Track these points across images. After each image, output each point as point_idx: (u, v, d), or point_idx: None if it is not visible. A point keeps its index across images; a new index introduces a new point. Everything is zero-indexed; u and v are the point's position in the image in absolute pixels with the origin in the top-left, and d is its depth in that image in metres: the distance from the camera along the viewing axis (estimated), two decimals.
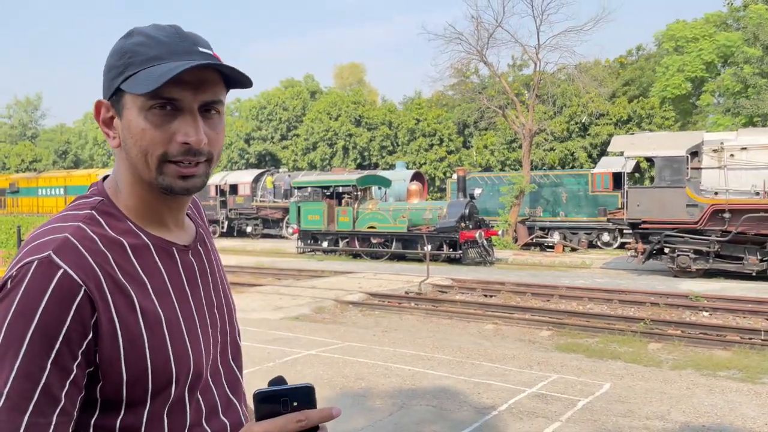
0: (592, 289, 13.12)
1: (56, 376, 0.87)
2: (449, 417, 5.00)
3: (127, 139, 0.97)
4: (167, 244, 1.03)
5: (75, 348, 0.88)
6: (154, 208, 1.02)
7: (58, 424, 0.87)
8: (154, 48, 0.95)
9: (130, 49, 0.96)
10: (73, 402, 0.90)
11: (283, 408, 0.85)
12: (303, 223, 22.01)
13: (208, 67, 0.94)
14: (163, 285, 0.99)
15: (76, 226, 0.95)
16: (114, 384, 0.92)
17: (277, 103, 44.93)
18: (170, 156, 0.96)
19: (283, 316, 10.34)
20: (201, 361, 1.01)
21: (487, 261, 18.95)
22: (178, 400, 0.98)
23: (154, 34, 0.97)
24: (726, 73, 30.73)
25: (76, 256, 0.90)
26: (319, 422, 0.86)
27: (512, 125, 26.13)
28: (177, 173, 0.97)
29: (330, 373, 6.29)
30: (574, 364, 6.98)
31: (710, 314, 10.90)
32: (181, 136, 0.95)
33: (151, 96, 0.93)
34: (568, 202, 24.14)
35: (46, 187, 36.63)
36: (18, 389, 0.85)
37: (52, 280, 0.87)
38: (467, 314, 11.03)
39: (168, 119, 0.95)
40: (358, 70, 59.67)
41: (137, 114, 0.95)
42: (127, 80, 0.95)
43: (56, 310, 0.87)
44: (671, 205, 15.20)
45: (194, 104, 0.96)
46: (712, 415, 5.11)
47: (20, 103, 62.90)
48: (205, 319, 1.05)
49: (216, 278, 1.12)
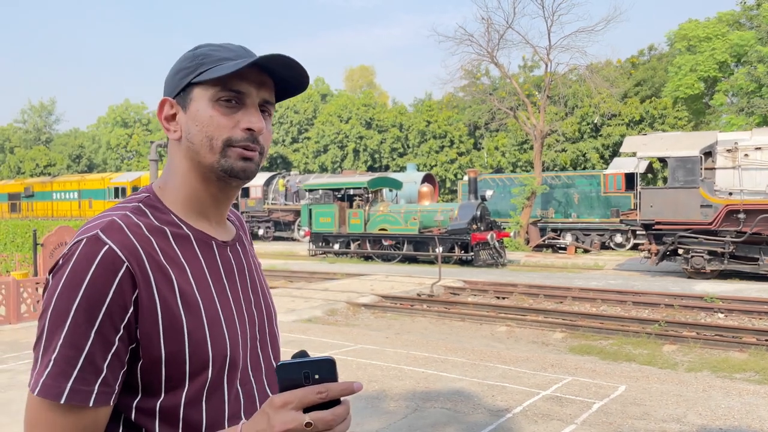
0: (606, 290, 13.04)
1: (99, 346, 0.92)
2: (464, 419, 4.99)
3: (191, 127, 1.05)
4: (207, 237, 1.09)
5: (117, 320, 0.93)
6: (202, 199, 1.09)
7: (99, 393, 0.93)
8: (225, 53, 1.07)
9: (202, 53, 1.07)
10: (115, 375, 0.94)
11: (305, 380, 0.86)
12: (314, 225, 22.07)
13: (269, 71, 1.06)
14: (201, 273, 1.04)
15: (122, 213, 1.02)
16: (152, 361, 0.96)
17: (287, 106, 45.10)
18: (234, 141, 1.04)
19: (295, 319, 10.37)
20: (237, 348, 1.05)
21: (499, 263, 18.90)
22: (216, 387, 1.01)
23: (225, 45, 1.09)
24: (739, 73, 30.44)
25: (121, 235, 0.97)
26: (340, 395, 0.86)
27: (523, 126, 26.06)
28: (239, 155, 1.04)
29: (343, 375, 6.29)
30: (588, 366, 6.94)
31: (725, 316, 10.80)
32: (245, 123, 1.04)
33: (221, 88, 1.03)
34: (580, 203, 24.03)
35: (61, 191, 36.97)
36: (65, 356, 0.91)
37: (98, 255, 0.94)
38: (480, 316, 11.00)
39: (233, 111, 1.04)
40: (369, 73, 59.77)
41: (206, 104, 1.04)
42: (200, 75, 1.04)
43: (100, 283, 0.93)
44: (685, 205, 15.09)
45: (256, 99, 1.06)
46: (729, 418, 5.07)
47: (34, 108, 63.54)
48: (243, 312, 1.09)
49: (254, 278, 1.17)
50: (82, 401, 0.92)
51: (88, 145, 58.67)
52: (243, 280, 1.13)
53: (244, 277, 1.13)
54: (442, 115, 38.93)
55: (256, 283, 1.17)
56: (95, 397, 0.92)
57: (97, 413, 0.94)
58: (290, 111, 44.94)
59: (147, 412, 0.98)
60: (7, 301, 9.29)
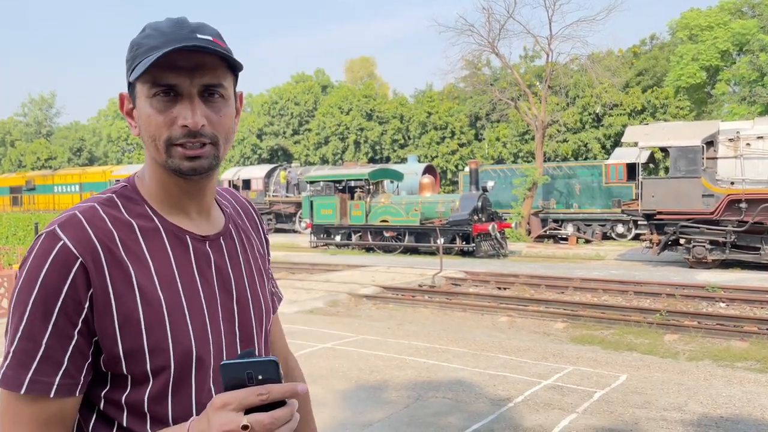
0: (607, 280, 13.05)
1: (56, 339, 0.93)
2: (465, 409, 5.01)
3: (141, 126, 1.03)
4: (180, 231, 1.05)
5: (72, 315, 0.94)
6: (173, 192, 1.06)
7: (61, 385, 0.93)
8: (155, 39, 0.99)
9: (137, 42, 1.02)
10: (78, 368, 0.95)
11: (248, 381, 0.84)
12: (316, 217, 22.08)
13: (192, 50, 0.96)
14: (167, 268, 1.01)
15: (90, 206, 1.01)
16: (112, 356, 0.96)
17: (288, 98, 45.02)
18: (174, 139, 0.99)
19: (297, 310, 10.39)
20: (206, 345, 1.02)
21: (501, 254, 18.91)
22: (183, 384, 1.00)
23: (159, 26, 1.02)
24: (741, 62, 30.31)
25: (78, 230, 0.96)
26: (282, 397, 0.84)
27: (524, 117, 26.00)
28: (182, 155, 1.00)
29: (345, 365, 6.31)
30: (589, 356, 6.95)
31: (727, 305, 10.81)
32: (180, 119, 0.99)
33: (152, 83, 0.98)
34: (581, 193, 24.01)
35: (62, 184, 37.00)
36: (23, 348, 0.93)
37: (53, 251, 0.94)
38: (481, 307, 11.02)
39: (170, 105, 0.99)
40: (369, 64, 59.57)
41: (144, 102, 1.00)
42: (133, 70, 1.00)
43: (54, 278, 0.93)
44: (687, 195, 15.07)
45: (192, 89, 0.99)
46: (730, 406, 5.07)
47: (35, 101, 63.50)
48: (217, 309, 1.06)
49: (241, 274, 1.12)
50: (42, 392, 0.92)
51: (88, 138, 58.66)
52: (223, 275, 1.08)
53: (226, 273, 1.09)
54: (443, 106, 38.84)
55: (243, 278, 1.12)
56: (56, 388, 0.93)
57: (62, 403, 0.95)
58: (291, 103, 44.86)
59: (114, 403, 0.99)
60: (9, 294, 9.32)
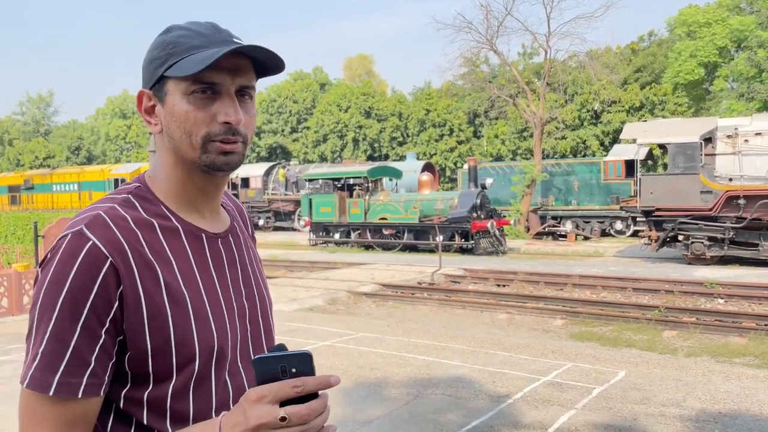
0: (606, 277, 13.08)
1: (85, 339, 0.94)
2: (465, 405, 5.03)
3: (170, 122, 1.03)
4: (197, 230, 1.08)
5: (102, 314, 0.94)
6: (190, 192, 1.08)
7: (88, 385, 0.94)
8: (195, 39, 1.02)
9: (172, 41, 1.03)
10: (104, 367, 0.96)
11: (282, 374, 0.86)
12: (315, 215, 22.08)
13: (244, 52, 1.01)
14: (188, 266, 1.04)
15: (110, 206, 1.02)
16: (139, 353, 0.97)
17: (286, 95, 44.97)
18: (213, 135, 1.02)
19: (297, 308, 10.41)
20: (226, 341, 1.04)
21: (500, 251, 18.93)
22: (203, 378, 1.01)
23: (194, 28, 1.04)
24: (739, 58, 30.34)
25: (106, 230, 0.97)
26: (316, 389, 0.86)
27: (523, 114, 26.01)
28: (219, 150, 1.03)
29: (345, 363, 6.33)
30: (588, 353, 6.98)
31: (725, 301, 10.84)
32: (222, 116, 1.01)
33: (193, 81, 1.00)
34: (580, 190, 24.03)
35: (61, 183, 36.96)
36: (51, 349, 0.93)
37: (82, 251, 0.94)
38: (480, 304, 11.04)
39: (209, 102, 1.01)
40: (367, 62, 59.53)
41: (180, 98, 1.01)
42: (171, 67, 1.01)
43: (84, 278, 0.94)
44: (685, 192, 15.09)
45: (232, 88, 1.02)
46: (729, 402, 5.10)
47: (32, 100, 63.37)
48: (232, 304, 1.09)
49: (247, 271, 1.15)
50: (70, 393, 0.93)
51: (87, 137, 58.57)
52: (234, 272, 1.12)
53: (236, 269, 1.12)
54: (441, 103, 38.83)
55: (249, 274, 1.15)
56: (84, 389, 0.94)
57: (87, 404, 0.96)
58: (289, 101, 44.82)
59: (135, 401, 1.00)
60: (9, 293, 9.33)
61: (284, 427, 0.84)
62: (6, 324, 8.69)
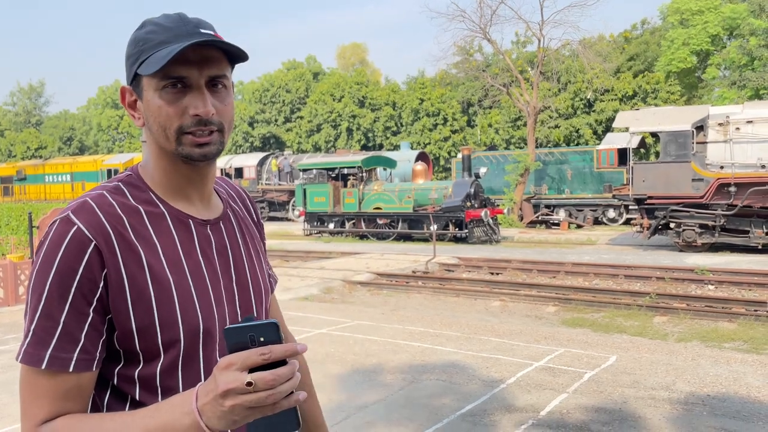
0: (598, 264, 13.20)
1: (73, 317, 1.00)
2: (459, 390, 5.12)
3: (148, 117, 1.09)
4: (184, 216, 1.13)
5: (88, 294, 1.01)
6: (176, 180, 1.13)
7: (78, 360, 1.01)
8: (161, 34, 1.06)
9: (142, 37, 1.08)
10: (94, 343, 1.02)
11: (251, 343, 0.90)
12: (309, 205, 22.11)
13: (203, 44, 1.04)
14: (174, 250, 1.09)
15: (99, 193, 1.08)
16: (126, 333, 1.03)
17: (279, 85, 44.83)
18: (185, 128, 1.07)
19: (292, 297, 10.47)
20: (212, 322, 1.10)
21: (493, 239, 19.04)
22: (192, 357, 1.07)
23: (162, 22, 1.08)
24: (731, 46, 30.43)
25: (91, 215, 1.03)
26: (284, 356, 0.90)
27: (516, 103, 26.05)
28: (193, 142, 1.07)
29: (341, 350, 6.41)
30: (580, 338, 7.08)
31: (716, 287, 10.97)
32: (192, 109, 1.06)
33: (162, 76, 1.05)
34: (573, 179, 24.14)
35: (53, 173, 36.81)
36: (42, 326, 1.00)
37: (68, 235, 1.01)
38: (474, 292, 11.14)
39: (179, 96, 1.06)
40: (361, 50, 59.31)
41: (153, 94, 1.07)
42: (141, 65, 1.06)
43: (70, 260, 1.00)
44: (677, 180, 15.21)
45: (201, 80, 1.06)
46: (717, 385, 5.20)
47: (23, 90, 62.93)
48: (220, 288, 1.13)
49: (241, 257, 1.19)
50: (61, 366, 0.99)
51: (78, 127, 58.27)
52: (224, 257, 1.16)
53: (226, 255, 1.16)
54: (435, 92, 38.81)
55: (243, 260, 1.19)
56: (75, 363, 1.00)
57: (80, 378, 1.02)
58: (282, 90, 44.67)
59: (128, 379, 1.06)
60: (5, 284, 9.36)
61: (251, 392, 0.88)
62: (2, 314, 8.73)
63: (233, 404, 0.88)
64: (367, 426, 4.42)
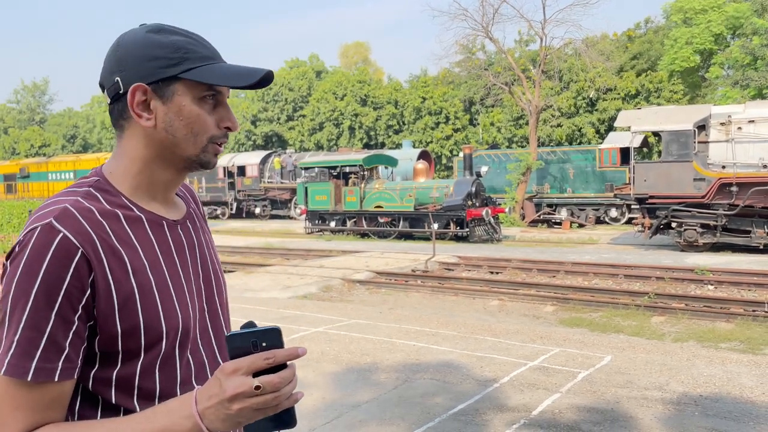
0: (599, 264, 13.18)
1: (60, 326, 0.99)
2: (452, 389, 5.13)
3: (174, 121, 1.10)
4: (158, 218, 1.15)
5: (75, 302, 1.00)
6: (155, 184, 1.15)
7: (63, 369, 1.00)
8: (202, 49, 1.12)
9: (183, 46, 1.10)
10: (77, 351, 1.02)
11: (254, 348, 0.94)
12: (311, 203, 22.14)
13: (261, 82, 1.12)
14: (153, 252, 1.11)
15: (74, 199, 1.07)
16: (110, 336, 1.04)
17: (282, 83, 44.83)
18: (215, 138, 1.14)
19: (291, 295, 10.50)
20: (189, 320, 1.12)
21: (495, 238, 19.03)
22: (169, 356, 1.09)
23: (193, 36, 1.14)
24: (734, 45, 30.32)
25: (74, 222, 1.02)
26: (286, 360, 0.94)
27: (519, 102, 26.01)
28: (215, 151, 1.16)
29: (336, 349, 6.43)
30: (576, 338, 7.08)
31: (715, 287, 10.95)
32: (226, 122, 1.15)
33: (206, 88, 1.10)
34: (575, 178, 24.10)
35: (56, 171, 36.90)
36: (27, 337, 0.98)
37: (53, 243, 0.99)
38: (473, 291, 11.14)
39: (213, 107, 1.13)
40: (363, 49, 59.32)
41: (191, 100, 1.10)
42: (189, 71, 1.08)
43: (56, 269, 0.99)
44: (678, 179, 15.18)
45: (226, 97, 1.16)
46: (711, 385, 5.20)
47: (27, 88, 63.12)
48: (192, 286, 1.17)
49: (204, 253, 1.23)
50: (47, 377, 0.99)
51: (82, 125, 58.39)
52: (193, 255, 1.20)
53: (194, 253, 1.20)
54: (437, 91, 38.77)
55: (206, 257, 1.23)
56: (59, 373, 1.00)
57: (62, 386, 1.02)
58: (285, 89, 44.69)
59: (104, 381, 1.06)
60: None
61: (259, 395, 0.92)
62: None
63: (241, 407, 0.92)
64: (359, 424, 4.44)
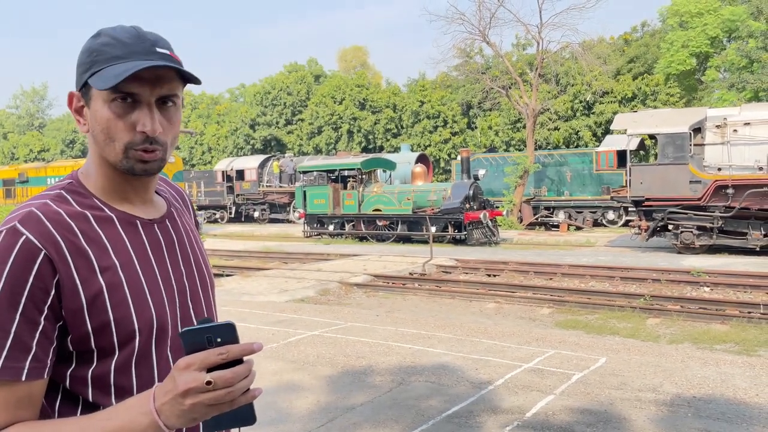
0: (595, 266, 13.22)
1: (25, 327, 1.01)
2: (446, 392, 5.15)
3: (94, 126, 1.11)
4: (131, 217, 1.16)
5: (39, 303, 1.02)
6: (119, 186, 1.16)
7: (30, 369, 1.02)
8: (117, 48, 1.09)
9: (96, 48, 1.10)
10: (45, 351, 1.04)
11: (208, 344, 0.94)
12: (309, 207, 22.17)
13: (160, 67, 1.08)
14: (125, 251, 1.12)
15: (42, 202, 1.09)
16: (81, 335, 1.06)
17: (281, 87, 44.87)
18: (133, 144, 1.10)
19: (288, 299, 10.52)
20: (165, 318, 1.13)
21: (492, 241, 19.07)
22: (145, 354, 1.11)
23: (118, 36, 1.10)
24: (730, 48, 30.42)
25: (38, 224, 1.04)
26: (240, 355, 0.94)
27: (516, 105, 26.09)
28: (139, 158, 1.11)
29: (332, 352, 6.45)
30: (572, 340, 7.11)
31: (711, 289, 10.98)
32: (140, 125, 1.09)
33: (113, 90, 1.07)
34: (572, 181, 24.16)
35: (55, 176, 36.86)
36: None
37: (16, 245, 1.02)
38: (470, 294, 11.17)
39: (128, 110, 1.09)
40: (362, 53, 59.44)
41: (102, 105, 1.09)
42: (93, 76, 1.08)
43: (19, 271, 1.01)
44: (674, 181, 15.24)
45: (151, 98, 1.09)
46: (704, 387, 5.23)
47: (26, 93, 63.18)
48: (171, 284, 1.17)
49: (187, 252, 1.24)
50: (14, 376, 1.00)
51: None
52: (173, 254, 1.20)
53: (174, 252, 1.20)
54: (435, 95, 38.85)
55: (189, 255, 1.24)
56: (27, 372, 1.01)
57: (31, 386, 1.03)
58: (283, 93, 44.73)
59: (80, 380, 1.08)
60: None
61: (211, 391, 0.92)
62: None
63: (193, 403, 0.93)
64: (353, 427, 4.46)
